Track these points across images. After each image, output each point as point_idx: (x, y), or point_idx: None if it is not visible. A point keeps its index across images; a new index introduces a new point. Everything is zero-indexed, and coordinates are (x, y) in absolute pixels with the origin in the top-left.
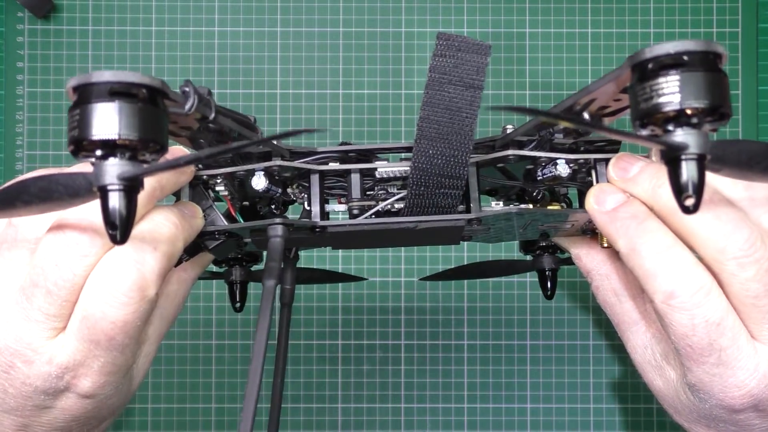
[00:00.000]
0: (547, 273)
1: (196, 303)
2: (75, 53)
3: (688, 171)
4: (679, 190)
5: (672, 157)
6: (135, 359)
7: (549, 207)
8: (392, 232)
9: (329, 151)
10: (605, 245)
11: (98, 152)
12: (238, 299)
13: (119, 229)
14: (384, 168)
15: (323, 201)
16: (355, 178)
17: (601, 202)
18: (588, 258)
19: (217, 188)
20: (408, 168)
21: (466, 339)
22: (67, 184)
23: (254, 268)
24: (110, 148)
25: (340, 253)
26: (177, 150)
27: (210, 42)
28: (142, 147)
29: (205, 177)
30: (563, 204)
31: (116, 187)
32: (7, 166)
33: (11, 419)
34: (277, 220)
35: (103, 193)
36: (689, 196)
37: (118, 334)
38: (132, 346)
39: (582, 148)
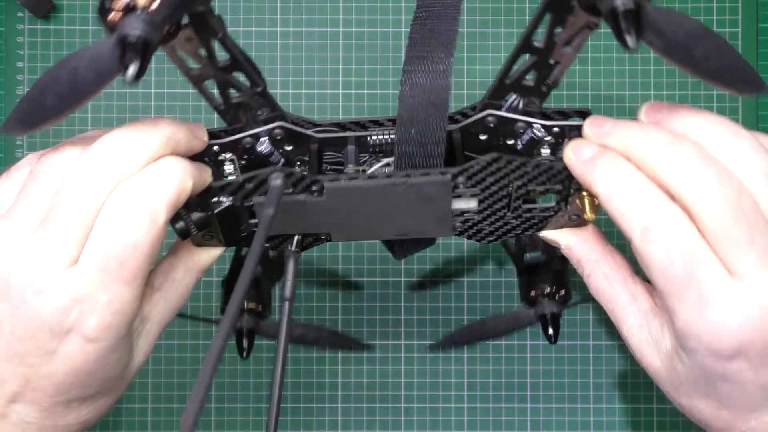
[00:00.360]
0: (548, 318)
1: (196, 303)
2: None
3: (625, 10)
4: (619, 32)
5: (611, 9)
6: (139, 314)
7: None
8: (385, 198)
9: (329, 123)
10: (588, 215)
11: (120, 6)
12: (245, 346)
13: (133, 68)
14: (376, 135)
15: (321, 170)
16: (351, 149)
17: (578, 153)
18: (578, 247)
19: (226, 168)
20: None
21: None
22: (92, 57)
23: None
24: (131, 7)
25: (340, 252)
26: (198, 124)
27: None
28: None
29: (216, 149)
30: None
31: (136, 32)
32: (8, 166)
33: (14, 369)
34: (278, 168)
35: (122, 42)
36: (629, 35)
37: (128, 259)
38: (138, 285)
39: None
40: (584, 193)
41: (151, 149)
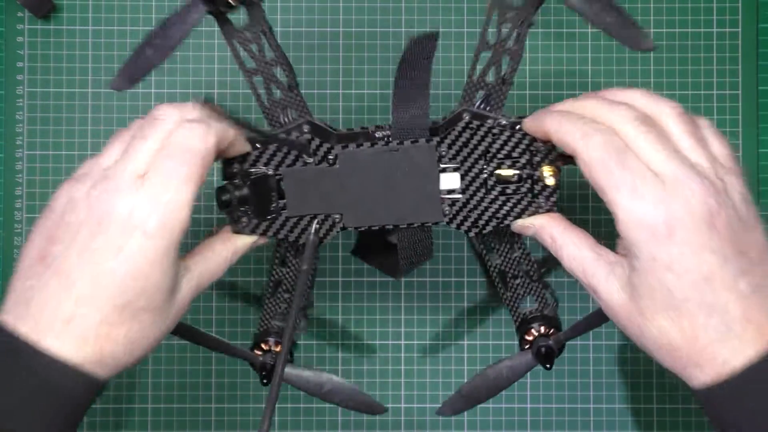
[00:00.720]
0: (542, 350)
1: (196, 303)
2: (75, 53)
3: None
4: None
5: None
6: (183, 263)
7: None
8: (386, 170)
9: (345, 130)
10: (550, 180)
11: None
12: (264, 376)
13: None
14: (381, 132)
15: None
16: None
17: (532, 117)
18: (549, 225)
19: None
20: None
21: (466, 339)
22: (179, 11)
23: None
24: None
25: (340, 253)
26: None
27: (210, 42)
28: None
29: (258, 146)
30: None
31: None
32: (7, 166)
33: (84, 268)
34: (303, 135)
35: None
36: None
37: (187, 159)
38: (191, 191)
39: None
40: (544, 166)
41: (206, 111)
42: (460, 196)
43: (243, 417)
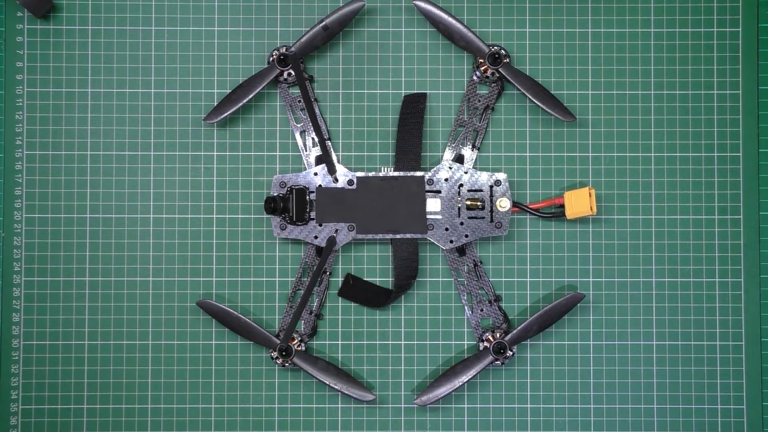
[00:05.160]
0: (492, 347)
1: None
2: (75, 53)
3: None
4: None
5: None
6: None
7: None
8: (388, 191)
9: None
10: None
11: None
12: (283, 356)
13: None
14: (385, 170)
15: None
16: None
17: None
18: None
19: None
20: (397, 174)
21: (466, 339)
22: (259, 73)
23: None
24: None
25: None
26: None
27: (210, 42)
28: None
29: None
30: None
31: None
32: (7, 166)
33: None
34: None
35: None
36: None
37: None
38: None
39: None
40: (497, 203)
41: None
42: (438, 215)
43: (243, 417)
